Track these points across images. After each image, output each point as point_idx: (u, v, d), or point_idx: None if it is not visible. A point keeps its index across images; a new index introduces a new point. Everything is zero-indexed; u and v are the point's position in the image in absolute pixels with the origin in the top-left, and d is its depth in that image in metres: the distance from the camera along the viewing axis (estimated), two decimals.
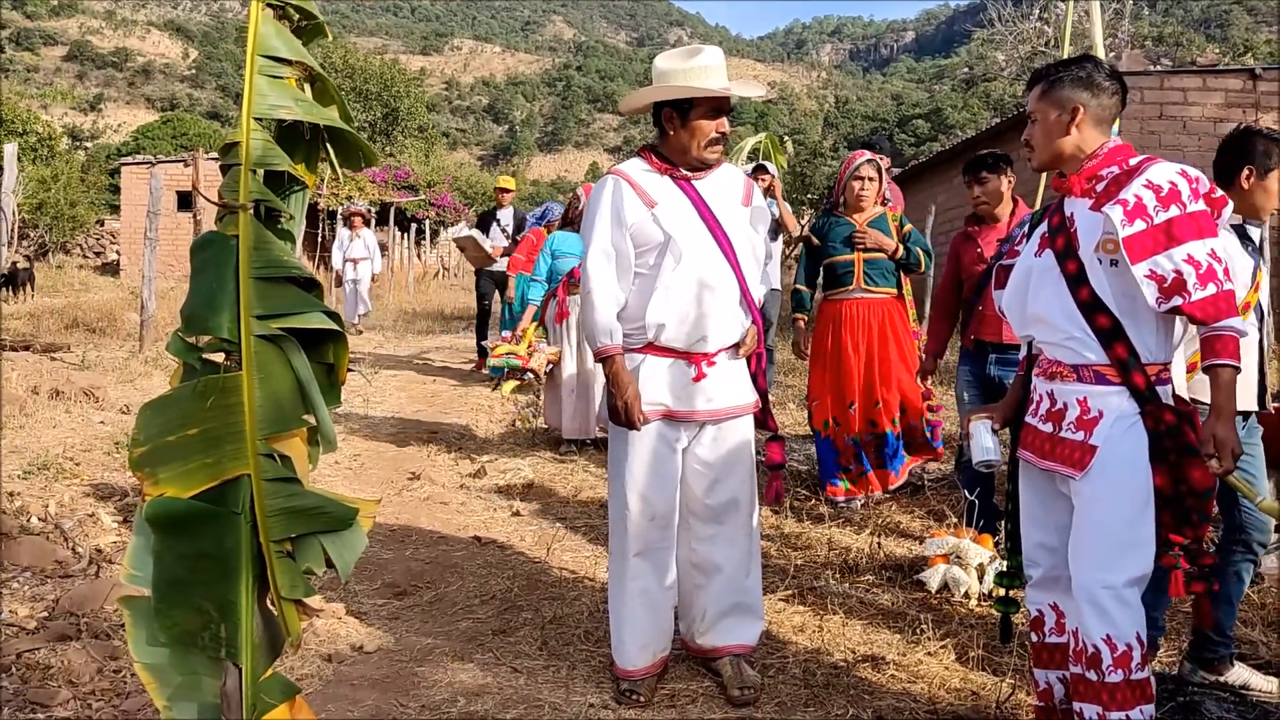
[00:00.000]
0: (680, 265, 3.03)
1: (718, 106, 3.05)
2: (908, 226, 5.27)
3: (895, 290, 5.25)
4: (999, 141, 13.60)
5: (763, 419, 3.30)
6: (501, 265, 10.18)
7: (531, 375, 6.64)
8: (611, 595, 3.21)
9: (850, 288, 5.17)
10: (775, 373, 8.76)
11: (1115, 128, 3.18)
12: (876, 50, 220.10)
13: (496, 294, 10.55)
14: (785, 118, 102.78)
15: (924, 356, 4.98)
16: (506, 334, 6.87)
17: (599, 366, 3.18)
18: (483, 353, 10.25)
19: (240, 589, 1.89)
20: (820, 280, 5.38)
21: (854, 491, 5.24)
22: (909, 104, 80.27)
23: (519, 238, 10.18)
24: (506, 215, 10.52)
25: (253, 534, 1.91)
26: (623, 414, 3.01)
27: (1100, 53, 5.25)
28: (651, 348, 3.09)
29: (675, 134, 3.09)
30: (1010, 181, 4.67)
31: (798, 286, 5.40)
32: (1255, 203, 3.03)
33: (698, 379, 3.09)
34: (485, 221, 10.64)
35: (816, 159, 27.19)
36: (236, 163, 1.88)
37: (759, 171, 7.66)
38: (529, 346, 6.62)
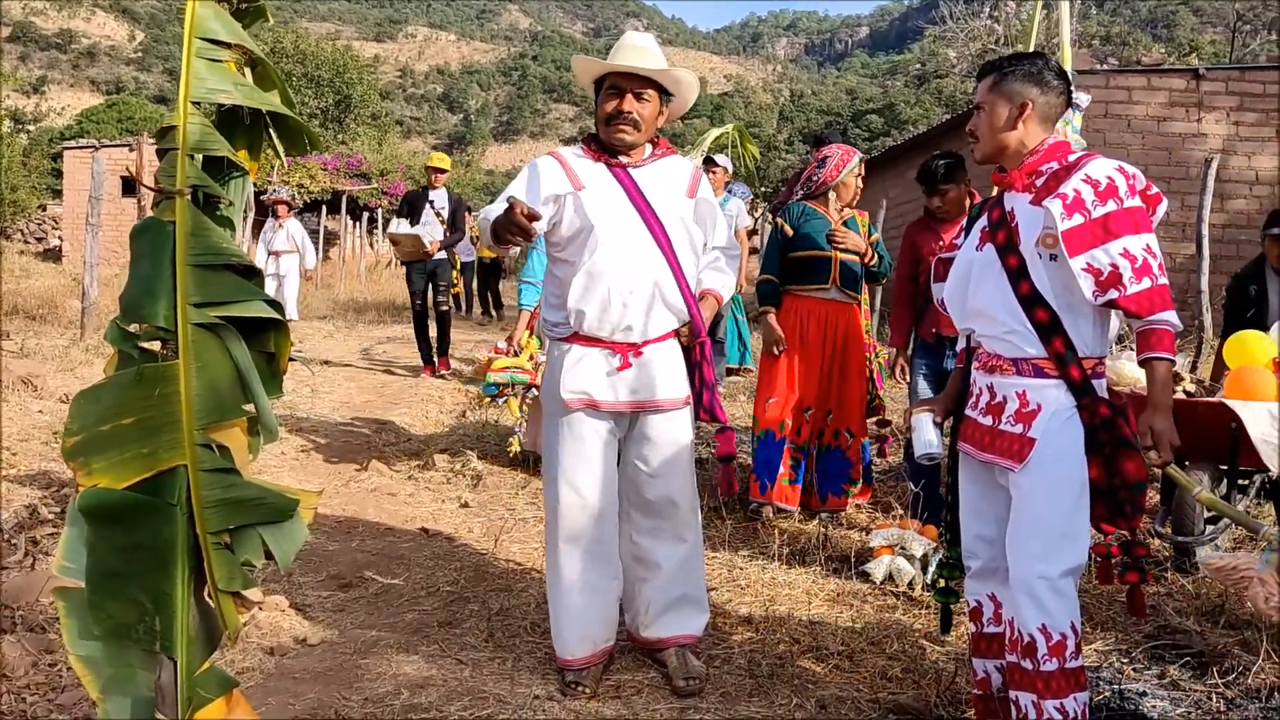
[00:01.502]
0: (601, 253, 3.01)
1: (615, 85, 3.06)
2: (875, 235, 5.08)
3: (859, 297, 5.04)
4: (951, 137, 13.76)
5: (711, 410, 3.30)
6: (438, 255, 9.33)
7: (538, 392, 5.61)
8: (549, 585, 3.21)
9: (826, 286, 4.87)
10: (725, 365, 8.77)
11: (1078, 123, 3.21)
12: (831, 45, 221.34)
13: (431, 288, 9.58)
14: (741, 111, 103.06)
15: (891, 351, 4.93)
16: (502, 345, 6.03)
17: None
18: (428, 358, 9.61)
19: (176, 581, 1.86)
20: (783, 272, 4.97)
21: (776, 499, 4.88)
22: (863, 99, 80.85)
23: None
24: (440, 198, 9.39)
25: (189, 525, 1.88)
26: (503, 226, 2.80)
27: (1067, 51, 5.32)
28: (577, 337, 3.08)
29: (596, 115, 3.15)
30: (967, 182, 4.66)
31: (766, 277, 4.98)
32: None
33: (621, 369, 3.08)
34: (415, 203, 9.40)
35: (771, 152, 27.37)
36: (174, 147, 1.85)
37: (708, 164, 7.65)
38: (531, 359, 5.81)
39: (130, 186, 22.05)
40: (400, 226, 9.13)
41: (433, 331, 9.93)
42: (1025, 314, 2.41)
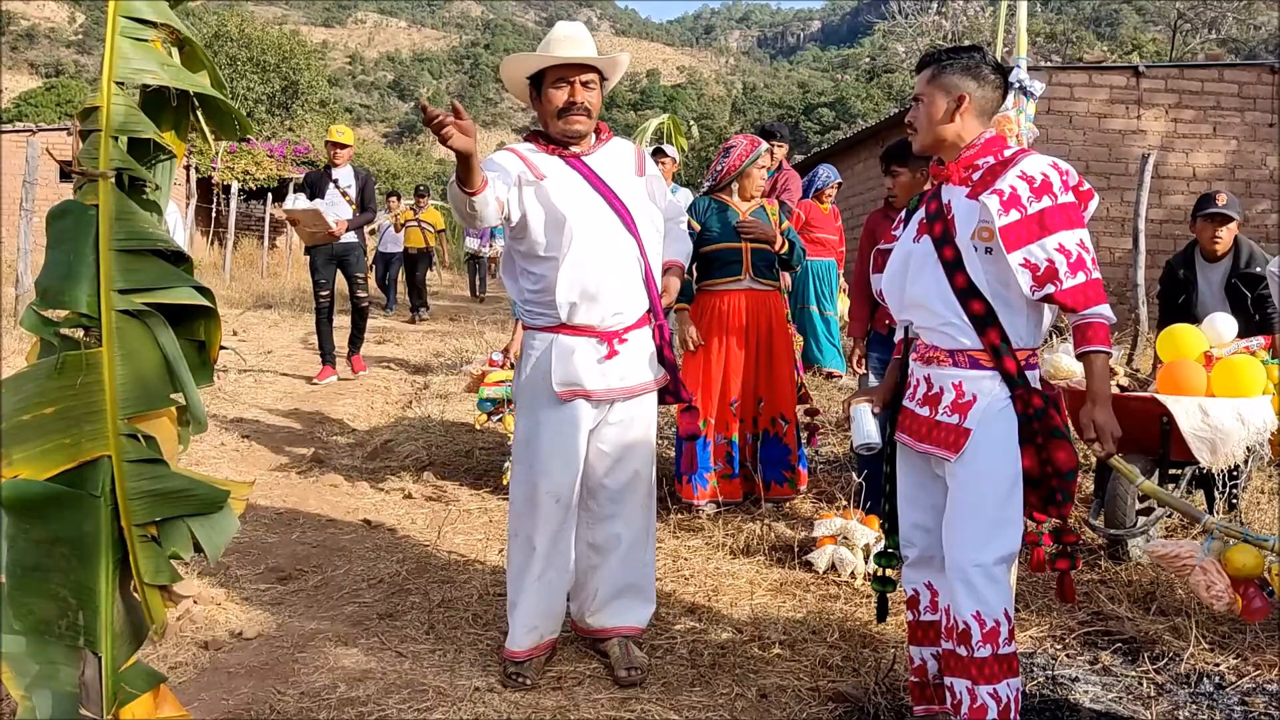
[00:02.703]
0: (579, 244, 3.00)
1: (562, 76, 3.04)
2: (786, 223, 5.06)
3: (777, 284, 5.04)
4: (900, 130, 13.88)
5: (675, 391, 3.29)
6: (348, 238, 8.24)
7: None
8: (510, 576, 3.18)
9: (739, 278, 4.87)
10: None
11: (1032, 111, 3.25)
12: (783, 38, 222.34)
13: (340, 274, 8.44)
14: (694, 103, 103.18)
15: (849, 342, 4.92)
16: (497, 357, 5.47)
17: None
18: (328, 355, 8.47)
19: (99, 575, 1.82)
20: (695, 267, 4.93)
21: (712, 495, 4.86)
22: (814, 92, 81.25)
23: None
24: (345, 175, 8.34)
25: (114, 518, 1.83)
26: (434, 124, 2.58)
27: (1024, 43, 5.37)
28: (564, 328, 3.06)
29: (539, 110, 3.12)
30: (922, 171, 4.63)
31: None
32: None
33: (610, 356, 3.08)
34: (316, 184, 8.32)
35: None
36: (97, 129, 1.80)
37: (658, 155, 7.63)
38: None
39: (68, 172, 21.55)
40: (298, 201, 8.05)
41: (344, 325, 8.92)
42: (961, 306, 2.43)
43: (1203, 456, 3.84)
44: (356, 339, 8.81)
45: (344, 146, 8.40)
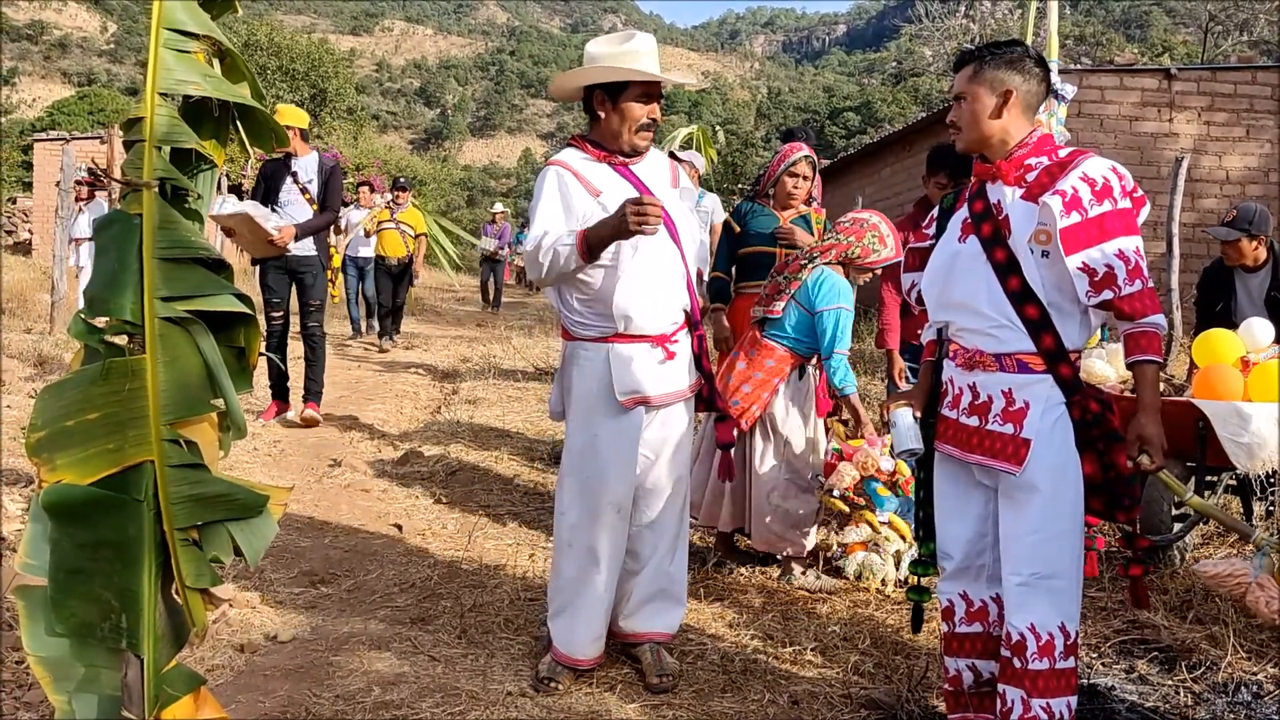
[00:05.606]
0: (639, 254, 3.00)
1: (649, 91, 3.03)
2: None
3: None
4: (927, 135, 13.81)
5: (711, 399, 3.30)
6: (304, 249, 6.46)
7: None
8: (563, 587, 3.13)
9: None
10: None
11: (1063, 115, 3.21)
12: (809, 42, 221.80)
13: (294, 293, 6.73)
14: (719, 108, 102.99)
15: (889, 351, 4.89)
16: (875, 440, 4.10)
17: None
18: (280, 388, 6.82)
19: (142, 578, 1.85)
20: (734, 270, 4.99)
21: None
22: (840, 96, 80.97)
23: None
24: (307, 166, 6.62)
25: (156, 522, 1.86)
26: (636, 218, 2.77)
27: (1055, 43, 5.35)
28: (618, 336, 3.05)
29: (606, 118, 3.06)
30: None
31: (717, 274, 4.97)
32: None
33: (669, 359, 3.10)
34: (274, 175, 6.61)
35: (748, 149, 27.48)
36: (141, 139, 1.83)
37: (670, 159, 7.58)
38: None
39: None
40: (224, 205, 5.99)
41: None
42: (1014, 309, 2.37)
43: (1239, 462, 3.79)
44: (313, 379, 6.86)
45: (293, 128, 6.55)
